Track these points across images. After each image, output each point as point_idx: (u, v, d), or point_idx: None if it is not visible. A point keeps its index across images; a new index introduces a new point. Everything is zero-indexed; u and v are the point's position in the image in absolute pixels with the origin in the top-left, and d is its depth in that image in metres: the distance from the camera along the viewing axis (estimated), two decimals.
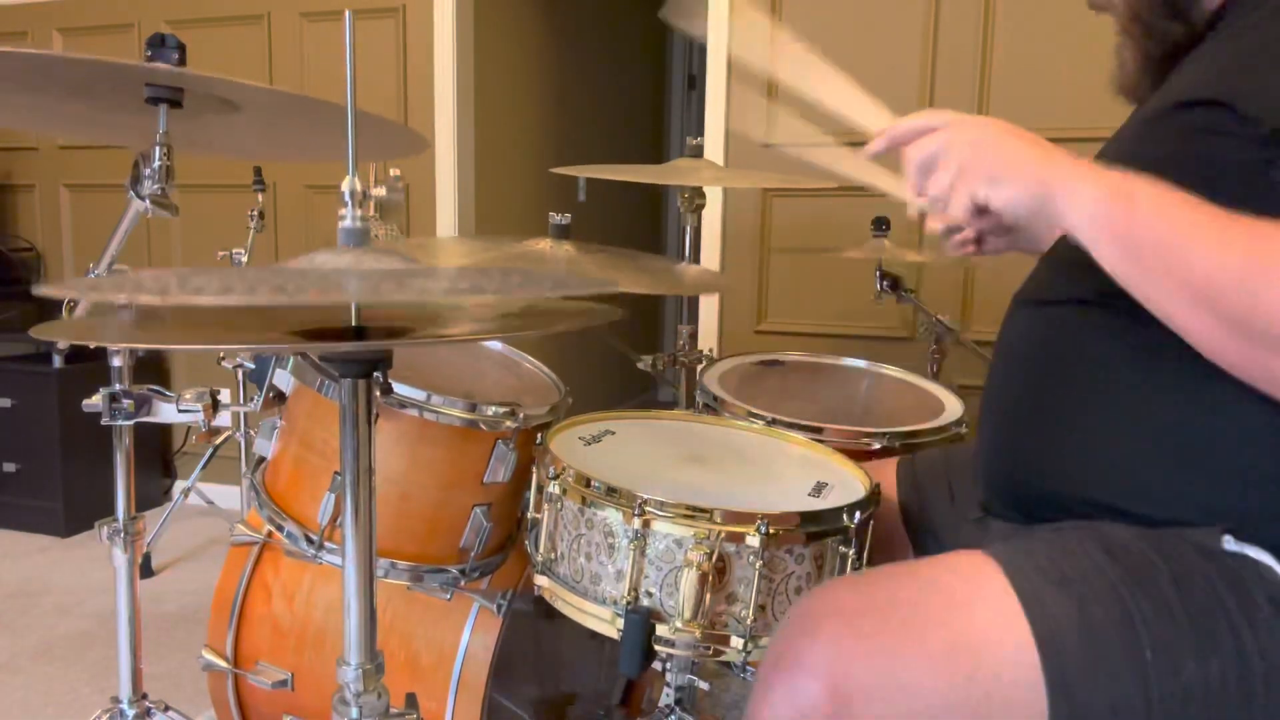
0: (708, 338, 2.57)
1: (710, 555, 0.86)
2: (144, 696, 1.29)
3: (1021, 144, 0.77)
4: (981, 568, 0.77)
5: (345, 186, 0.72)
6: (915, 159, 0.82)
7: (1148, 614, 0.72)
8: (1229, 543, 0.76)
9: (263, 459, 1.28)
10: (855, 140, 0.94)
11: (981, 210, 0.77)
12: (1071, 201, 0.73)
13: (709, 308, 2.59)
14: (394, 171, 2.61)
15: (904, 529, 1.11)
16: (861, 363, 1.75)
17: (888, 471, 1.15)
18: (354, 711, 0.80)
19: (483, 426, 1.17)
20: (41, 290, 0.55)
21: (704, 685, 1.09)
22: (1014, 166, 0.76)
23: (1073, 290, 0.86)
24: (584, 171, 1.53)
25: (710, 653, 0.90)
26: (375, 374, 0.75)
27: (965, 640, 0.73)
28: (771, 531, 0.87)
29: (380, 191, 0.77)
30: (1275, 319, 0.64)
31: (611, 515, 0.91)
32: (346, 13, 0.70)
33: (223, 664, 1.40)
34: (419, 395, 1.14)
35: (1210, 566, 0.74)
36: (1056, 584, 0.74)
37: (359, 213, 0.72)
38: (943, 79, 2.32)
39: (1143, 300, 0.70)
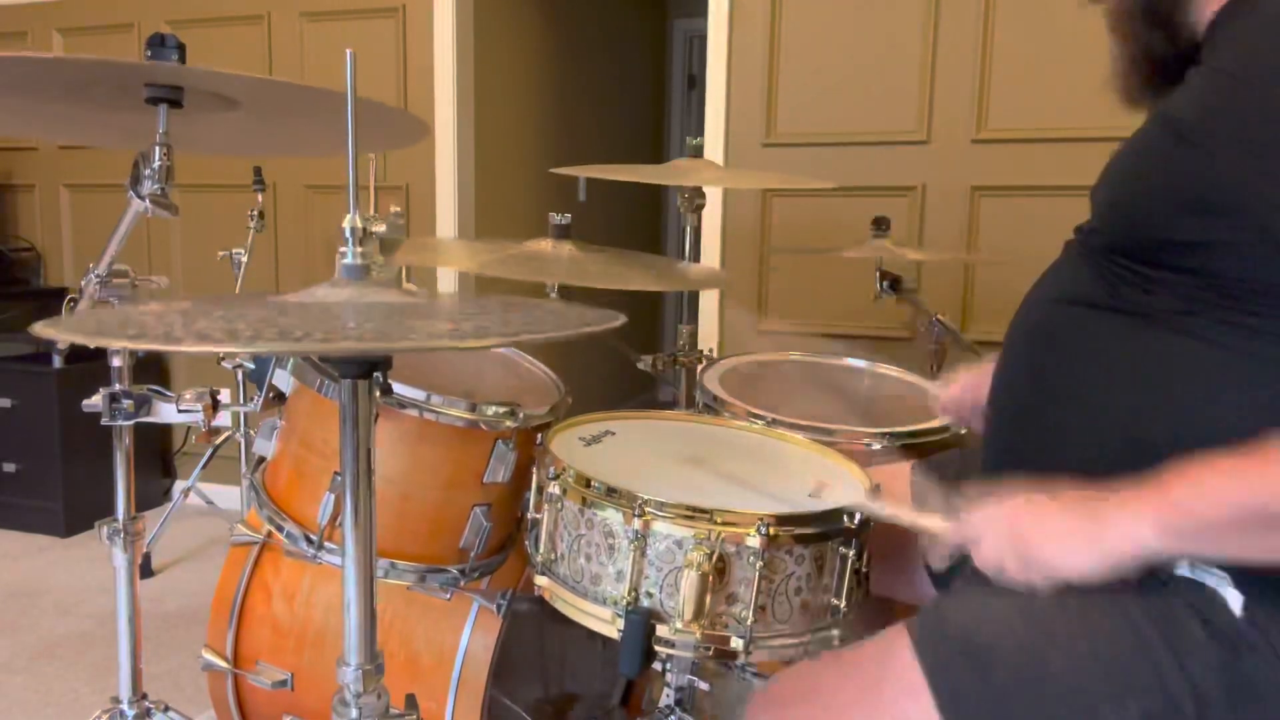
0: (708, 338, 2.57)
1: (710, 556, 0.86)
2: (144, 696, 1.29)
3: (1061, 521, 0.77)
4: (895, 644, 0.82)
5: (347, 224, 0.73)
6: (983, 565, 0.82)
7: (1058, 670, 0.74)
8: (1183, 568, 0.77)
9: (263, 459, 1.28)
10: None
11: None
12: (1141, 545, 0.73)
13: (709, 308, 2.59)
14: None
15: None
16: (861, 363, 1.75)
17: (902, 473, 1.15)
18: (354, 712, 0.80)
19: (483, 426, 1.17)
20: (39, 330, 0.56)
21: (704, 685, 1.09)
22: (1068, 548, 0.76)
23: (1088, 291, 0.86)
24: (584, 171, 1.53)
25: (710, 653, 0.90)
26: (375, 374, 0.75)
27: (876, 718, 0.79)
28: (771, 532, 0.87)
29: (381, 227, 0.77)
30: None
31: (611, 516, 0.91)
32: (348, 52, 0.70)
33: (223, 664, 1.40)
34: (419, 395, 1.14)
35: (1139, 606, 0.76)
36: (963, 652, 0.78)
37: (360, 249, 0.73)
38: (943, 79, 2.32)
39: (1264, 560, 0.71)
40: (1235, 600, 0.74)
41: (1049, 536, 0.76)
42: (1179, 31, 0.88)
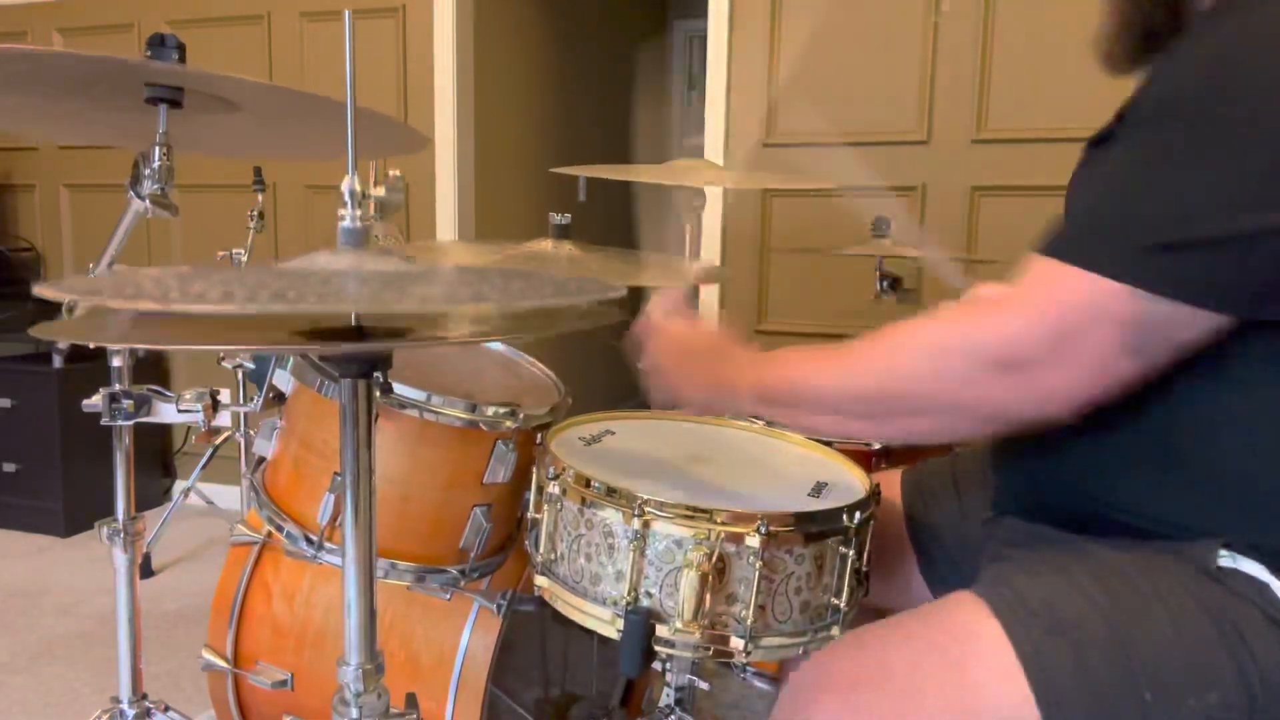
0: None
1: (710, 556, 0.86)
2: (144, 696, 1.29)
3: (692, 360, 0.98)
4: (975, 620, 0.77)
5: (345, 186, 0.72)
6: (642, 355, 1.03)
7: (1145, 654, 0.72)
8: (1224, 558, 0.76)
9: (262, 459, 1.28)
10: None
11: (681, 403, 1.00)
12: (736, 398, 0.93)
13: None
14: (394, 172, 2.62)
15: (909, 537, 1.11)
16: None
17: (893, 480, 1.15)
18: (354, 712, 0.80)
19: (483, 427, 1.17)
20: (40, 290, 0.55)
21: (704, 685, 1.09)
22: (688, 381, 0.97)
23: None
24: (584, 171, 1.53)
25: (710, 653, 0.90)
26: (375, 374, 0.75)
27: (964, 704, 0.74)
28: (771, 532, 0.87)
29: (380, 191, 0.76)
30: (885, 399, 0.81)
31: (611, 515, 0.91)
32: (346, 13, 0.70)
33: (223, 664, 1.40)
34: (419, 395, 1.14)
35: (1203, 593, 0.74)
36: (1051, 631, 0.74)
37: (358, 213, 0.72)
38: (943, 79, 2.32)
39: (818, 433, 0.95)
40: (1278, 587, 0.74)
41: (679, 370, 0.98)
42: (1185, 10, 0.85)
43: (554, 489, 0.96)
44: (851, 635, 0.86)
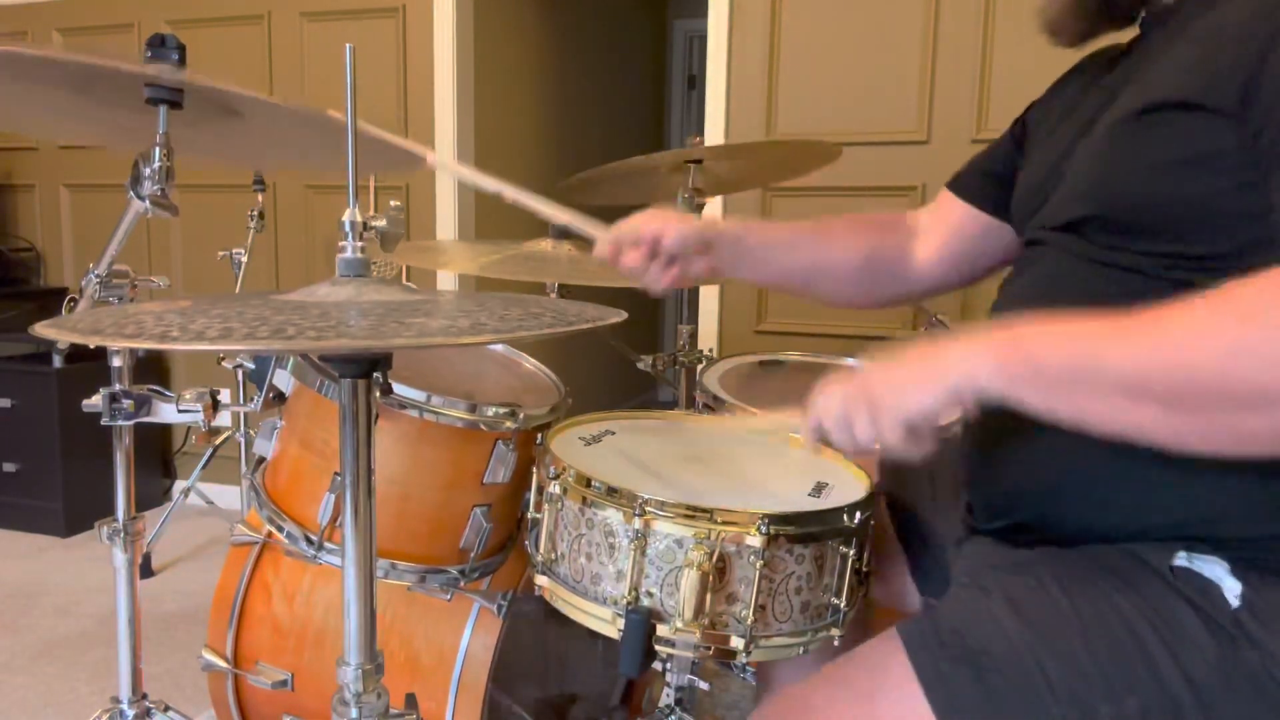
0: (708, 338, 2.57)
1: (711, 555, 0.86)
2: (144, 696, 1.29)
3: (902, 366, 0.79)
4: (889, 654, 0.79)
5: (346, 219, 0.72)
6: (830, 425, 0.83)
7: (1050, 669, 0.73)
8: (1181, 559, 0.76)
9: (263, 459, 1.28)
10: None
11: (912, 430, 0.78)
12: (977, 380, 0.73)
13: (709, 308, 2.59)
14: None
15: (894, 529, 1.11)
16: (861, 363, 1.75)
17: (870, 462, 1.14)
18: (354, 712, 0.80)
19: (483, 427, 1.17)
20: (40, 330, 0.56)
21: (704, 685, 1.09)
22: (909, 385, 0.77)
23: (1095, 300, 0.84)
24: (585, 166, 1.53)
25: (710, 653, 0.90)
26: (375, 374, 0.76)
27: None
28: (772, 532, 0.87)
29: (381, 222, 0.76)
30: (1219, 383, 0.63)
31: (612, 515, 0.91)
32: (347, 47, 0.70)
33: (223, 664, 1.40)
34: (419, 396, 1.14)
35: (1131, 600, 0.74)
36: (957, 658, 0.76)
37: (359, 244, 0.73)
38: (943, 79, 2.32)
39: (1086, 422, 0.70)
40: (1232, 591, 0.73)
41: (892, 385, 0.78)
42: None
43: (554, 489, 0.96)
44: (792, 686, 0.88)
